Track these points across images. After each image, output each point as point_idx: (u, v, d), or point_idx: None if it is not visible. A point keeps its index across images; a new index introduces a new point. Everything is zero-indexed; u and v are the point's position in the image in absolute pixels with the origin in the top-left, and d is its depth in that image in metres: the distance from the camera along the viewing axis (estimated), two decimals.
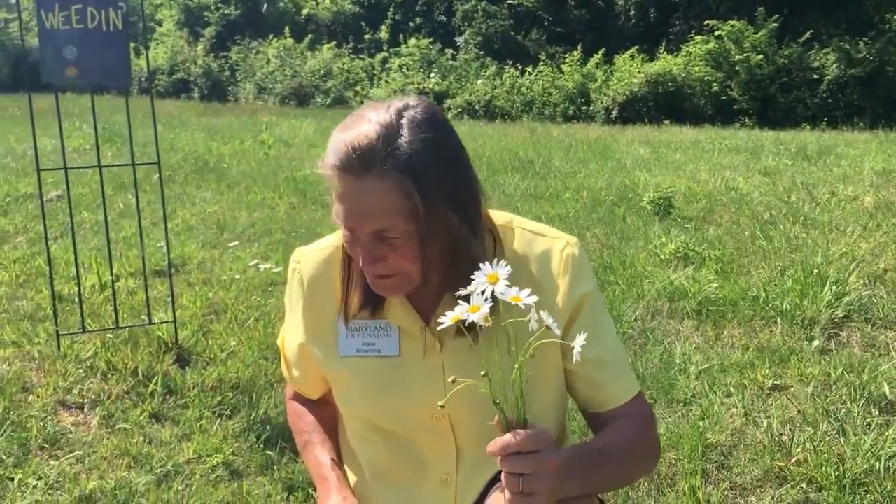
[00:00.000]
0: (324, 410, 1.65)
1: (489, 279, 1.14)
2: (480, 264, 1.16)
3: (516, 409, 1.15)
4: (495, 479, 1.42)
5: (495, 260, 1.17)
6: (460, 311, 1.13)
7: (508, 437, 1.15)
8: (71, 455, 2.93)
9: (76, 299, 4.10)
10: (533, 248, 1.42)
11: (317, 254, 1.50)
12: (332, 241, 1.50)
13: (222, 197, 8.09)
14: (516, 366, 1.12)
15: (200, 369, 3.64)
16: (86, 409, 3.30)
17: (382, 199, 1.24)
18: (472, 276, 1.14)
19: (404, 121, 1.26)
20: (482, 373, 1.13)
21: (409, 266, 1.30)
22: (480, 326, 1.13)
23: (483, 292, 1.13)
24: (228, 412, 3.28)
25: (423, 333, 1.41)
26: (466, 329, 1.22)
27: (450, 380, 1.19)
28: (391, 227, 1.26)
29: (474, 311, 1.12)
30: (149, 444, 3.04)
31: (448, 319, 1.15)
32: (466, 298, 1.15)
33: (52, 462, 2.90)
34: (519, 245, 1.43)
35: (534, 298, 1.13)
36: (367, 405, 1.45)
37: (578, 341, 1.16)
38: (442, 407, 1.21)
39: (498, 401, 1.14)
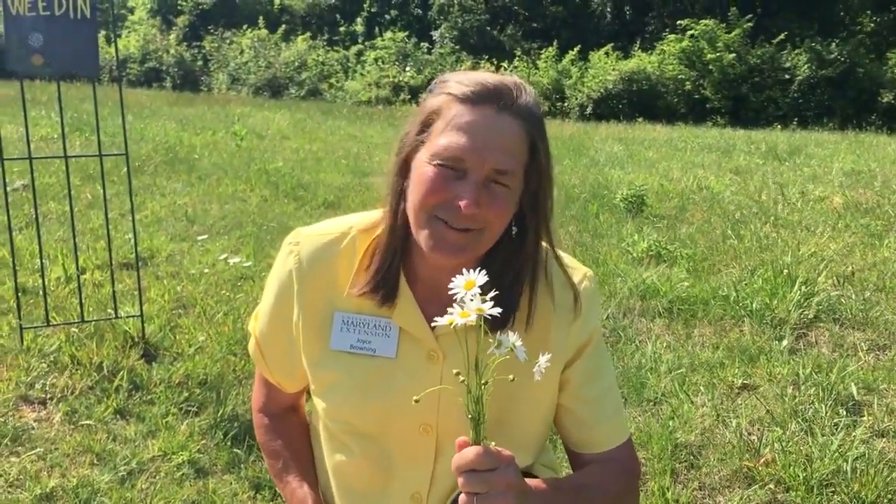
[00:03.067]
0: (296, 421, 1.58)
1: (465, 285, 1.10)
2: (468, 271, 1.12)
3: (476, 427, 1.11)
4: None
5: (477, 269, 1.13)
6: (454, 315, 1.09)
7: (464, 453, 1.11)
8: (32, 452, 2.87)
9: (40, 292, 4.01)
10: (551, 274, 1.38)
11: (319, 237, 1.40)
12: (338, 226, 1.41)
13: (193, 189, 7.98)
14: (475, 382, 1.08)
15: (167, 365, 3.58)
16: (49, 405, 3.23)
17: (514, 140, 1.24)
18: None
19: (528, 87, 1.28)
20: (461, 378, 1.09)
21: (498, 222, 1.26)
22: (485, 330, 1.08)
23: (471, 297, 1.09)
24: (195, 409, 3.23)
25: (427, 338, 1.33)
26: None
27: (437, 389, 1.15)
28: (511, 171, 1.24)
29: (464, 315, 1.08)
30: (113, 441, 2.99)
31: (444, 320, 1.09)
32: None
33: (13, 459, 2.83)
34: None
35: (497, 310, 1.08)
36: (352, 406, 1.36)
37: (542, 360, 1.13)
38: (416, 402, 1.15)
39: (471, 416, 1.10)
